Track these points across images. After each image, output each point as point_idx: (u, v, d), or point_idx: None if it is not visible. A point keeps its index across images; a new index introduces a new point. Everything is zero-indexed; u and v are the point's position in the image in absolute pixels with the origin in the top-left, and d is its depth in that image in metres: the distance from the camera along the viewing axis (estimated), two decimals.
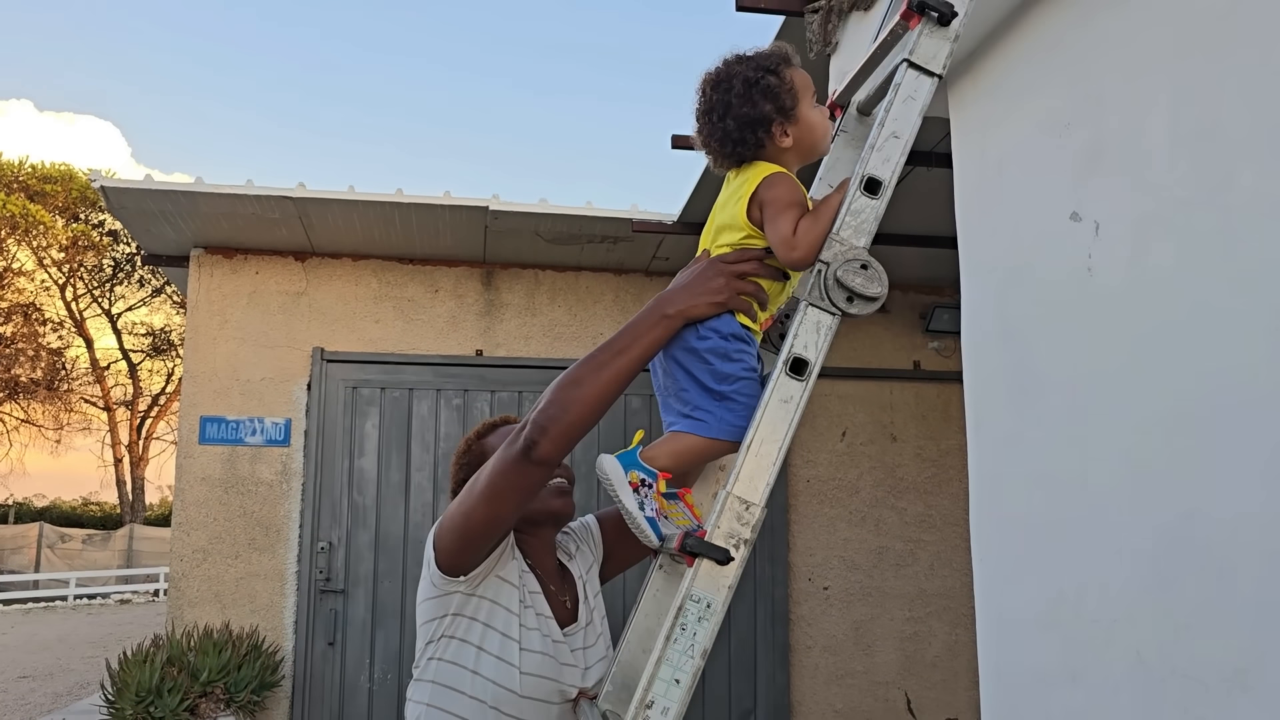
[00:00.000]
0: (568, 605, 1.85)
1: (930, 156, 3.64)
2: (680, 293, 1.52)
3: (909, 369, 6.13)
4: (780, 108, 1.55)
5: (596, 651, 1.85)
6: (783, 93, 1.55)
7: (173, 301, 23.51)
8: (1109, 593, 1.97)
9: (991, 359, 2.48)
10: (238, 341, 5.58)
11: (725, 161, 1.60)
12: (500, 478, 1.56)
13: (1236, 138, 1.74)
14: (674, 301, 1.51)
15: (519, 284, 5.86)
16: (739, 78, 1.56)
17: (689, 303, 1.50)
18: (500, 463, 1.56)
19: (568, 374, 1.52)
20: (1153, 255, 1.92)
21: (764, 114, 1.54)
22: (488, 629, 1.70)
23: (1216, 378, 1.75)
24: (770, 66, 1.56)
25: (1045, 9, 2.31)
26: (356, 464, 5.55)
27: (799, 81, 1.58)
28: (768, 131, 1.55)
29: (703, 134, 1.60)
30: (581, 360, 1.53)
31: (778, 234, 1.49)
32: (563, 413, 1.49)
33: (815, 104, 1.58)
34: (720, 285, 1.50)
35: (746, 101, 1.54)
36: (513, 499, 1.59)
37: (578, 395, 1.49)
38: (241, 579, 5.43)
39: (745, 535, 1.33)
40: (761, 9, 3.27)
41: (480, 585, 1.71)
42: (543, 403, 1.51)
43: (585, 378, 1.50)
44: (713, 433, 1.49)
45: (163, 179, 5.11)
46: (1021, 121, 2.40)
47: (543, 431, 1.49)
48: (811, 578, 5.89)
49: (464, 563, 1.67)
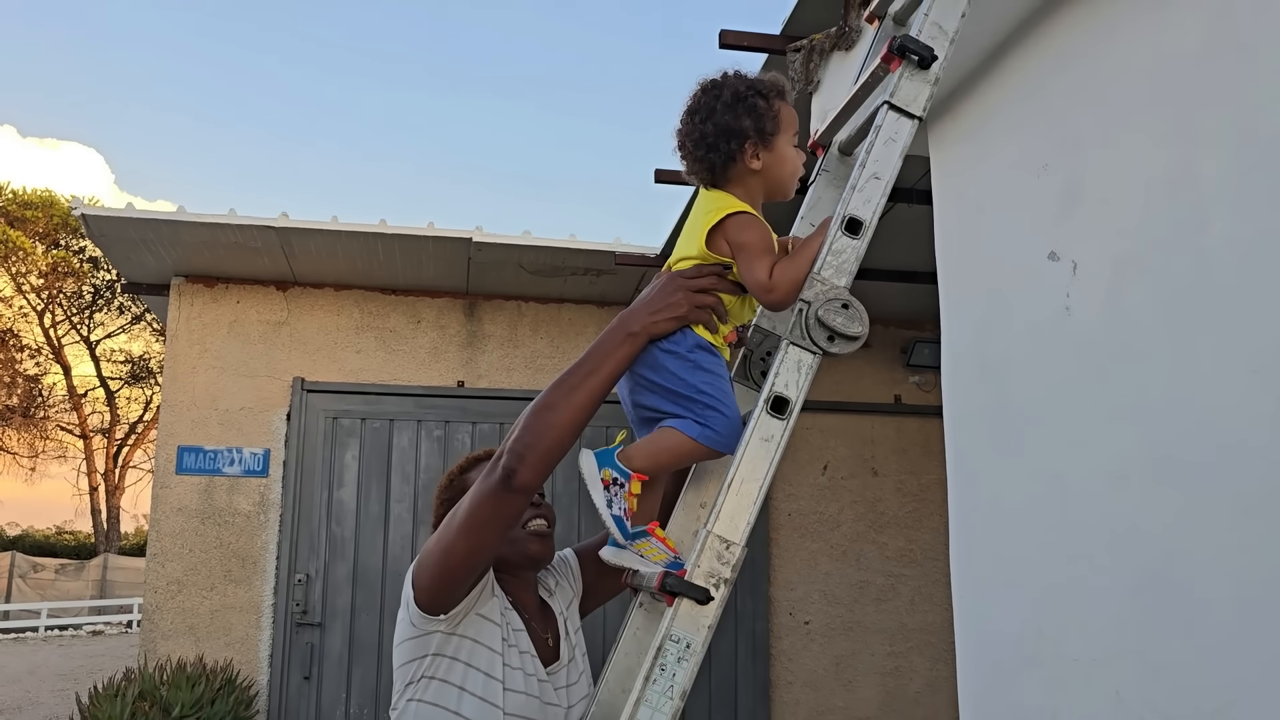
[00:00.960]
0: (550, 643, 1.83)
1: (911, 193, 3.68)
2: (641, 311, 1.54)
3: (890, 403, 6.16)
4: (759, 129, 1.57)
5: (579, 690, 1.83)
6: (766, 117, 1.57)
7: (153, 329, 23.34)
8: (1088, 632, 1.97)
9: (971, 396, 2.49)
10: (217, 371, 5.55)
11: (696, 167, 1.62)
12: (479, 509, 1.56)
13: (1211, 181, 1.76)
14: (636, 319, 1.53)
15: (501, 315, 5.86)
16: (730, 89, 1.59)
17: (650, 319, 1.52)
18: (479, 494, 1.56)
19: (540, 399, 1.52)
20: (1130, 296, 1.94)
21: (742, 128, 1.56)
22: (470, 669, 1.68)
23: (1194, 418, 1.76)
24: (762, 90, 1.59)
25: (1024, 54, 2.35)
26: (335, 495, 5.50)
27: (785, 114, 1.60)
28: (740, 146, 1.56)
29: (682, 132, 1.62)
30: (552, 384, 1.53)
31: (754, 277, 1.51)
32: (539, 438, 1.49)
33: (794, 144, 1.60)
34: (679, 300, 1.52)
35: (730, 111, 1.57)
36: (493, 530, 1.58)
37: (552, 420, 1.49)
38: (217, 611, 5.35)
39: (725, 575, 1.33)
40: (744, 47, 3.31)
41: (461, 624, 1.68)
42: (518, 430, 1.51)
43: (558, 402, 1.50)
44: (692, 433, 1.49)
45: (145, 207, 5.10)
46: (1000, 162, 2.43)
47: (520, 459, 1.49)
48: (793, 612, 5.86)
49: (444, 600, 1.65)
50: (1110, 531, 1.94)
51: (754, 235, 1.53)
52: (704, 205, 1.58)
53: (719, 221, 1.54)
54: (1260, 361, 1.62)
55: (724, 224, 1.54)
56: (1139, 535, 1.86)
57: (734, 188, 1.59)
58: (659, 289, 1.55)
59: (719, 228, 1.54)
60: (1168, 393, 1.82)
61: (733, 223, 1.54)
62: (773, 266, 1.50)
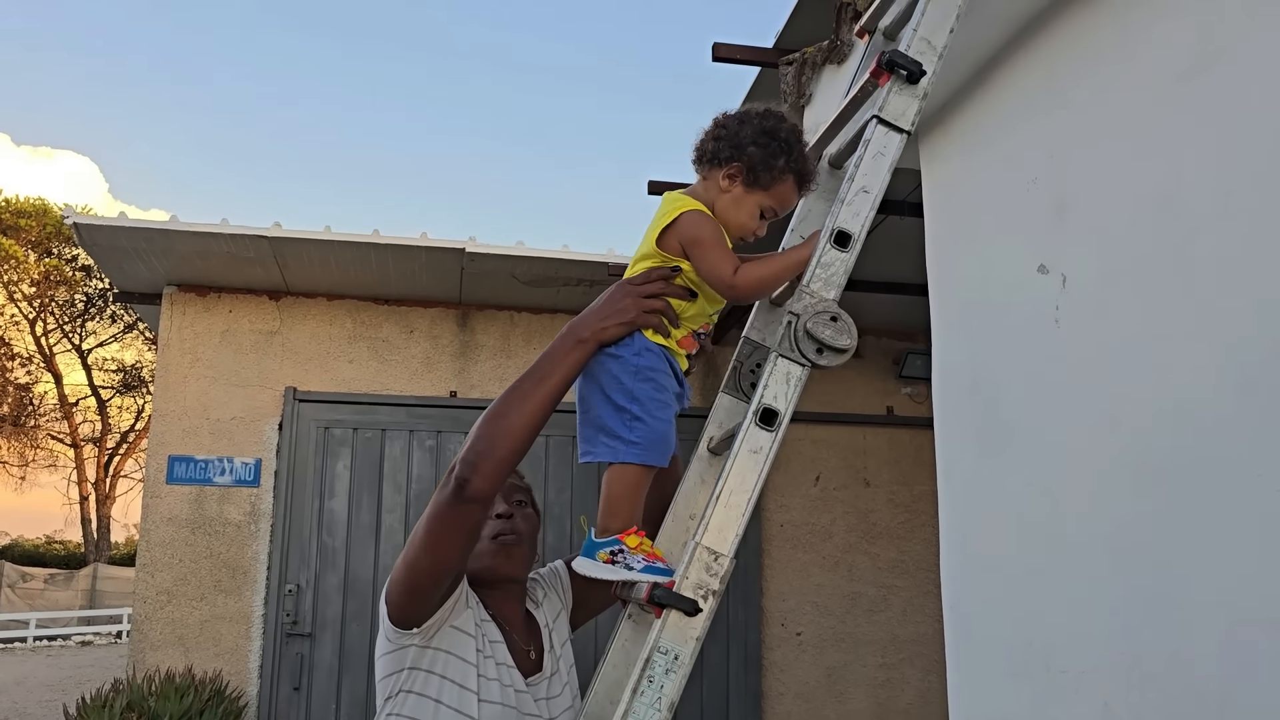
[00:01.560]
0: (531, 655, 1.82)
1: (903, 205, 3.69)
2: (591, 317, 1.56)
3: (882, 414, 6.17)
4: (753, 164, 1.57)
5: (562, 702, 1.82)
6: (770, 167, 1.57)
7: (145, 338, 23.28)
8: (1078, 643, 1.98)
9: (962, 408, 2.50)
10: (209, 380, 5.53)
11: (697, 146, 1.64)
12: (437, 523, 1.57)
13: (1197, 195, 1.78)
14: (586, 325, 1.55)
15: (494, 326, 5.86)
16: (775, 125, 1.59)
17: (599, 325, 1.54)
18: (435, 507, 1.57)
19: (493, 408, 1.54)
20: (1118, 308, 1.95)
21: (745, 152, 1.57)
22: (444, 681, 1.67)
23: (1182, 430, 1.77)
24: (790, 153, 1.59)
25: (1013, 69, 2.36)
26: (327, 505, 5.49)
27: (783, 186, 1.60)
28: (727, 160, 1.58)
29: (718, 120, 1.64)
30: (505, 393, 1.55)
31: (713, 270, 1.53)
32: (491, 447, 1.50)
33: (764, 213, 1.60)
34: (628, 305, 1.54)
35: (755, 135, 1.58)
36: (453, 541, 1.59)
37: (505, 426, 1.51)
38: (206, 622, 5.33)
39: (714, 586, 1.33)
40: (737, 60, 3.33)
41: (434, 637, 1.68)
42: (470, 439, 1.53)
43: (510, 409, 1.52)
44: (624, 458, 1.51)
45: (138, 216, 5.09)
46: (990, 176, 2.44)
47: (473, 468, 1.50)
48: (785, 623, 5.86)
49: (415, 614, 1.65)
50: (1099, 543, 1.95)
51: (707, 230, 1.55)
52: (660, 209, 1.61)
53: (672, 221, 1.56)
54: (1247, 374, 1.63)
55: (677, 222, 1.56)
56: (1127, 546, 1.87)
57: (701, 187, 1.62)
58: (607, 296, 1.57)
59: (672, 227, 1.56)
60: (1156, 405, 1.83)
61: (685, 220, 1.56)
62: (735, 261, 1.53)
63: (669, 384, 1.56)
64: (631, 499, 1.54)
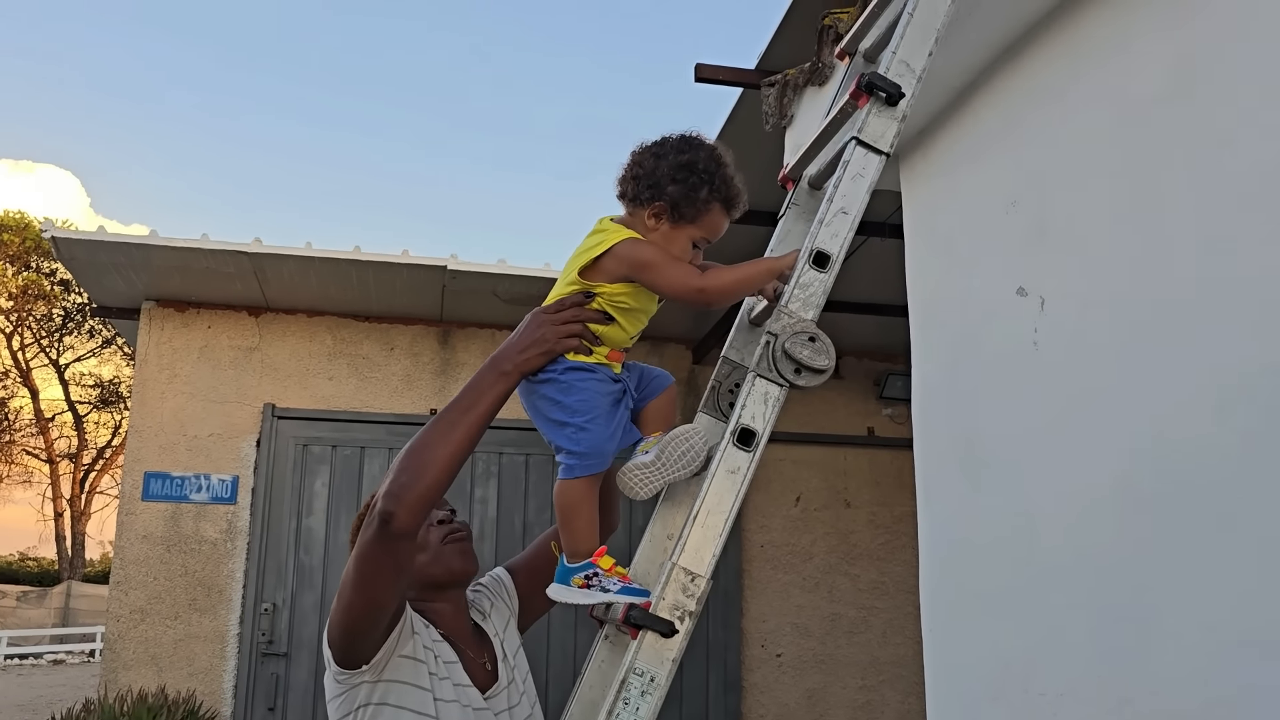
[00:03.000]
0: (487, 667, 1.80)
1: (884, 227, 3.71)
2: (510, 350, 1.56)
3: (863, 435, 6.17)
4: (676, 201, 1.55)
5: (521, 711, 1.81)
6: (692, 197, 1.54)
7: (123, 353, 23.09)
8: (1055, 665, 1.97)
9: (941, 430, 2.50)
10: (187, 396, 5.48)
11: (619, 187, 1.61)
12: (365, 562, 1.54)
13: (1174, 219, 1.79)
14: (507, 358, 1.56)
15: (475, 343, 5.84)
16: (696, 160, 1.55)
17: (520, 357, 1.55)
18: (362, 546, 1.54)
19: (415, 441, 1.53)
20: (1096, 331, 1.96)
21: (663, 186, 1.54)
22: (400, 711, 1.64)
23: (1160, 452, 1.78)
24: (715, 182, 1.55)
25: (992, 93, 2.38)
26: (304, 523, 5.44)
27: (711, 214, 1.56)
28: (649, 200, 1.56)
29: (635, 155, 1.60)
30: (427, 426, 1.54)
31: (676, 283, 1.52)
32: (415, 479, 1.49)
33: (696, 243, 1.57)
34: (545, 334, 1.55)
35: (670, 168, 1.54)
36: (384, 579, 1.56)
37: (428, 458, 1.50)
38: (180, 641, 5.26)
39: (690, 607, 1.32)
40: (720, 81, 3.34)
41: (385, 669, 1.65)
42: (392, 473, 1.51)
43: (436, 440, 1.52)
44: (572, 473, 1.53)
45: (119, 230, 5.05)
46: (970, 198, 2.46)
47: (397, 501, 1.48)
48: (764, 644, 5.83)
49: (360, 653, 1.63)
50: (1077, 565, 1.95)
51: (649, 252, 1.53)
52: (589, 239, 1.58)
53: (607, 250, 1.54)
54: (1225, 397, 1.64)
55: (613, 251, 1.54)
56: (1105, 569, 1.87)
57: (630, 219, 1.60)
58: (524, 328, 1.57)
59: (608, 256, 1.54)
60: (1134, 427, 1.84)
61: (623, 248, 1.54)
62: (695, 270, 1.53)
63: (603, 389, 1.55)
64: (586, 513, 1.54)
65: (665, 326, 5.61)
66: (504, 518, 5.60)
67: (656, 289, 1.55)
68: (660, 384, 1.64)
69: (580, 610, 1.58)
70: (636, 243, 1.55)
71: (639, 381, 1.63)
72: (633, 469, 1.51)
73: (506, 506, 5.63)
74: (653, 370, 1.66)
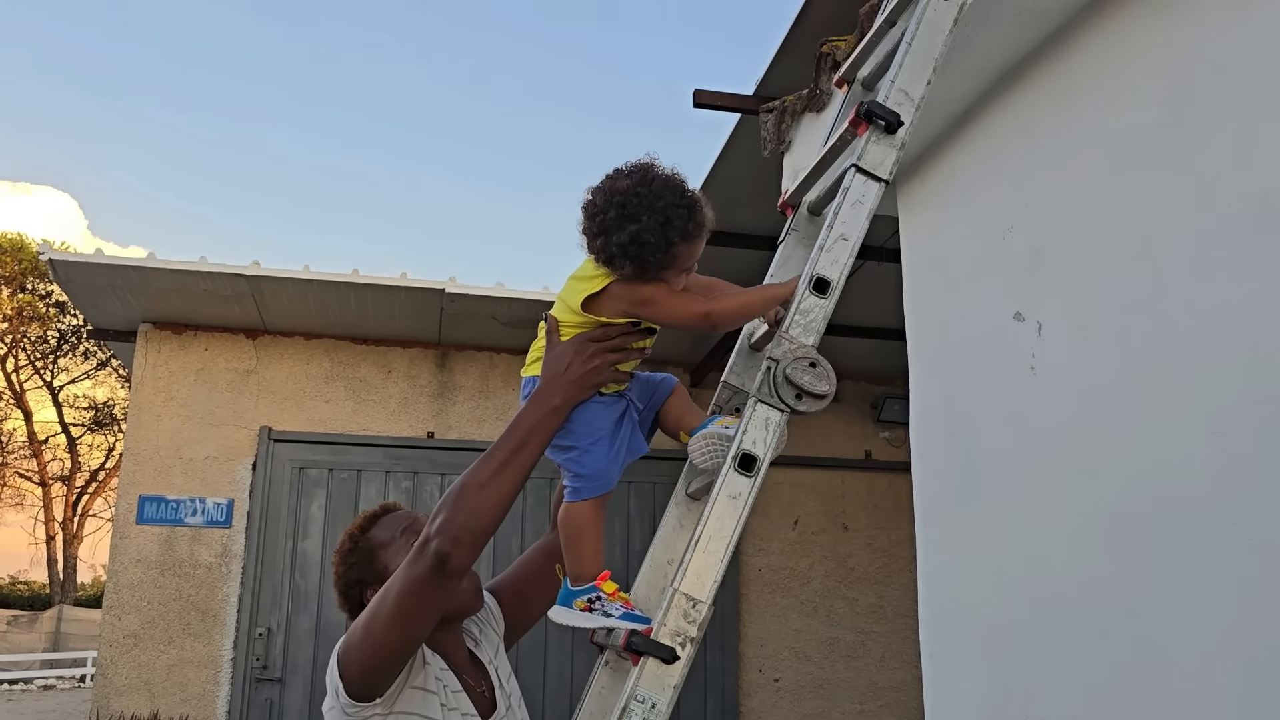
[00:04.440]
0: (486, 694, 1.79)
1: (882, 251, 3.73)
2: (561, 382, 1.53)
3: (861, 458, 6.18)
4: (642, 270, 1.47)
5: None
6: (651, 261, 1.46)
7: (118, 375, 23.03)
8: (1055, 691, 1.97)
9: (939, 454, 2.51)
10: (183, 419, 5.47)
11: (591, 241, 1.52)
12: (413, 599, 1.51)
13: (1169, 247, 1.81)
14: (558, 391, 1.53)
15: (473, 366, 5.84)
16: (635, 211, 1.46)
17: (573, 389, 1.53)
18: (411, 583, 1.50)
19: (469, 478, 1.50)
20: (1092, 357, 1.97)
21: (616, 260, 1.47)
22: None
23: (1156, 478, 1.78)
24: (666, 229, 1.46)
25: (990, 121, 2.40)
26: (300, 546, 5.41)
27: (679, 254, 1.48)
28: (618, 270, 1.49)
29: (583, 221, 1.52)
30: (479, 462, 1.52)
31: (681, 314, 1.52)
32: (473, 519, 1.47)
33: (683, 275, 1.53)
34: (599, 366, 1.53)
35: (622, 244, 1.46)
36: (427, 618, 1.54)
37: (486, 499, 1.48)
38: (173, 666, 5.22)
39: (692, 634, 1.32)
40: (718, 106, 3.37)
41: (397, 701, 1.62)
42: (447, 511, 1.47)
43: (489, 481, 1.49)
44: (577, 495, 1.54)
45: (116, 253, 5.07)
46: (967, 224, 2.47)
47: (455, 542, 1.45)
48: (762, 669, 5.81)
49: (378, 687, 1.59)
50: (1076, 589, 1.95)
51: (650, 288, 1.51)
52: (585, 269, 1.55)
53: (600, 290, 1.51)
54: (1219, 423, 1.65)
55: (608, 291, 1.51)
56: (1104, 593, 1.87)
57: None
58: (575, 358, 1.53)
59: (603, 296, 1.52)
60: (1131, 452, 1.84)
61: (617, 288, 1.51)
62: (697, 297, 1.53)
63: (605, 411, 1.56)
64: (591, 536, 1.54)
65: (663, 350, 5.61)
66: (500, 542, 5.57)
67: (661, 323, 1.55)
68: (666, 386, 1.64)
69: (577, 635, 1.58)
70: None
71: (643, 391, 1.63)
72: (710, 436, 1.49)
73: (503, 531, 5.60)
74: (654, 376, 1.66)
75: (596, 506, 1.55)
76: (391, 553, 1.77)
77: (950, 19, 1.61)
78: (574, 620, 1.52)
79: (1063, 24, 2.13)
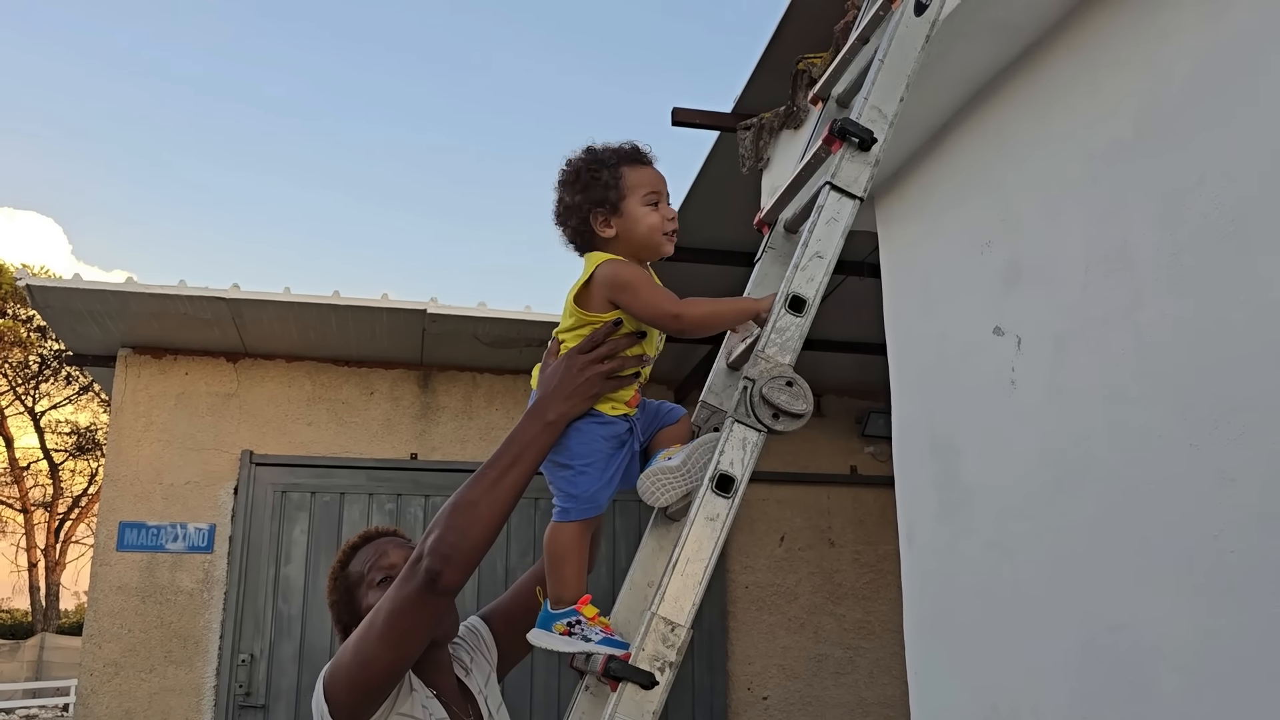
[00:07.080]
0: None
1: (862, 266, 3.73)
2: (554, 398, 1.53)
3: (846, 474, 6.17)
4: (600, 200, 1.57)
5: None
6: (607, 186, 1.57)
7: (100, 400, 22.84)
8: (1041, 706, 1.96)
9: (921, 469, 2.50)
10: (163, 444, 5.42)
11: (566, 241, 1.64)
12: (404, 617, 1.50)
13: (1146, 260, 1.81)
14: (552, 407, 1.52)
15: (456, 387, 5.81)
16: (574, 166, 1.61)
17: (566, 405, 1.52)
18: (402, 601, 1.50)
19: (461, 496, 1.49)
20: (1071, 370, 1.97)
21: (578, 203, 1.58)
22: None
23: (1135, 491, 1.78)
24: (604, 160, 1.59)
25: (966, 136, 2.41)
26: (283, 571, 5.36)
27: (631, 178, 1.59)
28: (585, 220, 1.59)
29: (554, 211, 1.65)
30: (472, 480, 1.51)
31: (651, 307, 1.52)
32: (463, 538, 1.46)
33: (648, 202, 1.60)
34: (591, 378, 1.52)
35: (570, 189, 1.60)
36: (418, 637, 1.53)
37: (477, 517, 1.47)
38: (155, 694, 5.15)
39: (671, 658, 1.30)
40: (696, 124, 3.37)
41: None
42: (439, 529, 1.47)
43: (481, 498, 1.48)
44: (565, 516, 1.52)
45: (97, 277, 5.03)
46: (945, 239, 2.48)
47: (446, 560, 1.45)
48: (750, 686, 5.77)
49: (363, 711, 1.57)
50: (1058, 604, 1.94)
51: (629, 272, 1.54)
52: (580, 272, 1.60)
53: (589, 278, 1.55)
54: (1199, 436, 1.65)
55: (595, 277, 1.55)
56: (1086, 607, 1.86)
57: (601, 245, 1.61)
58: (565, 372, 1.54)
59: (591, 283, 1.55)
60: (1109, 466, 1.84)
61: (602, 271, 1.54)
62: (673, 295, 1.53)
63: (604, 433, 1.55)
64: (575, 558, 1.52)
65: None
66: (486, 563, 5.53)
67: (633, 312, 1.54)
68: (674, 415, 1.64)
69: (564, 658, 1.56)
70: (615, 263, 1.55)
71: (652, 418, 1.61)
72: (656, 473, 1.49)
73: (490, 552, 5.57)
74: (666, 405, 1.65)
75: (583, 529, 1.53)
76: (363, 591, 1.77)
77: (922, 36, 1.62)
78: (553, 644, 1.50)
79: (1037, 39, 2.15)
